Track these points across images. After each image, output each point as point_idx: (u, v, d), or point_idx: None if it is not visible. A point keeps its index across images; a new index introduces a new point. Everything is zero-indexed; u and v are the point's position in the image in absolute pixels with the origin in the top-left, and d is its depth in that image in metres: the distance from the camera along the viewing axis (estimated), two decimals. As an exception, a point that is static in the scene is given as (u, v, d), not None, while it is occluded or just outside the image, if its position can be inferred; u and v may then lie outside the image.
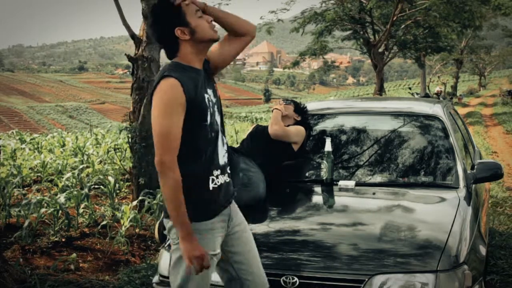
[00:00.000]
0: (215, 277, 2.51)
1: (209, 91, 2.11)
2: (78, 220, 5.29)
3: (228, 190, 2.19)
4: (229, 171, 2.20)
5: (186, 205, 2.00)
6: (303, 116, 3.67)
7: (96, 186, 6.59)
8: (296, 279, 2.35)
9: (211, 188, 2.08)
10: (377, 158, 3.44)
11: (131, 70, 6.04)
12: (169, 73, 1.99)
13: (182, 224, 1.99)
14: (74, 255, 4.34)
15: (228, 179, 2.19)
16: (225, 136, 2.21)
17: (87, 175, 7.45)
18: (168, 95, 1.96)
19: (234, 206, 2.26)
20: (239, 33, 2.22)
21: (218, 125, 2.12)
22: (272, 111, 3.65)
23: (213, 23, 2.11)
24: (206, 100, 2.06)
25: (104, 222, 4.98)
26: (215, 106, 2.12)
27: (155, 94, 2.00)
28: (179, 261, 2.08)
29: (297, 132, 3.44)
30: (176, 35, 2.04)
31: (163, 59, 2.58)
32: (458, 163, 3.26)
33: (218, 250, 2.14)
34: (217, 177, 2.10)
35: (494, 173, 3.23)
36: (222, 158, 2.14)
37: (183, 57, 2.08)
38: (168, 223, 2.12)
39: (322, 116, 3.90)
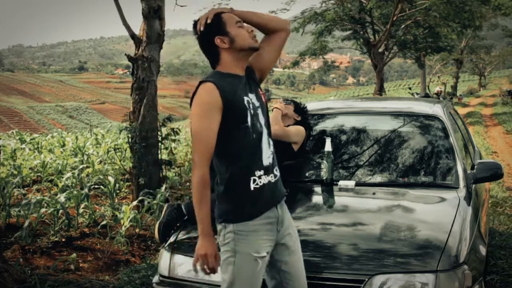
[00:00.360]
0: (216, 277, 2.51)
1: (251, 95, 2.15)
2: (78, 220, 5.29)
3: (274, 190, 2.17)
4: (276, 172, 2.19)
5: (227, 206, 2.09)
6: (303, 116, 3.66)
7: (96, 186, 6.59)
8: (296, 279, 2.35)
9: (252, 189, 2.08)
10: (377, 158, 3.44)
11: (131, 70, 6.04)
12: (206, 78, 2.09)
13: (201, 220, 2.05)
14: (74, 255, 4.34)
15: (273, 179, 2.17)
16: (271, 138, 2.21)
17: (87, 175, 7.44)
18: (203, 98, 2.04)
19: (285, 211, 2.24)
20: (272, 30, 2.26)
21: (262, 127, 2.14)
22: (272, 110, 3.65)
23: (254, 33, 2.17)
24: (246, 102, 2.10)
25: (104, 222, 4.97)
26: (258, 109, 2.15)
27: (194, 98, 2.08)
28: (228, 262, 2.10)
29: (297, 132, 3.44)
30: (216, 44, 2.12)
31: (163, 59, 2.59)
32: (458, 163, 3.26)
33: (264, 253, 2.11)
34: (259, 177, 2.10)
35: (494, 173, 3.23)
36: (267, 159, 2.14)
37: (224, 65, 2.15)
38: (218, 226, 2.13)
39: (322, 116, 3.90)
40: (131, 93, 5.95)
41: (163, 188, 5.51)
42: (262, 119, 2.16)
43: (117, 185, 6.44)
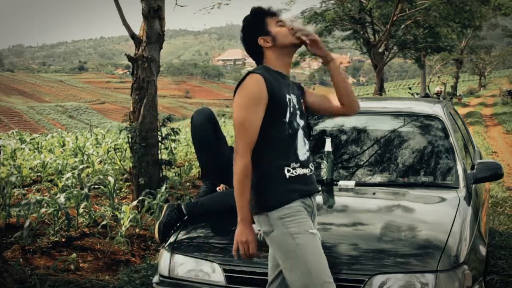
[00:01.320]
0: (216, 277, 2.51)
1: (292, 95, 2.23)
2: (78, 220, 5.29)
3: (309, 182, 2.23)
4: (312, 167, 2.26)
5: (266, 194, 2.14)
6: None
7: (96, 186, 6.59)
8: (296, 279, 2.35)
9: (287, 177, 2.15)
10: (377, 158, 3.44)
11: (131, 70, 6.04)
12: (254, 70, 2.17)
13: (241, 207, 2.14)
14: (74, 255, 4.34)
15: (309, 173, 2.23)
16: (308, 139, 2.28)
17: (87, 175, 7.45)
18: (250, 88, 2.12)
19: (315, 206, 2.29)
20: (343, 103, 2.35)
21: (298, 126, 2.22)
22: None
23: (294, 31, 2.23)
24: (287, 99, 2.18)
25: (104, 222, 4.97)
26: (297, 111, 2.23)
27: (239, 88, 2.15)
28: (287, 248, 2.11)
29: None
30: (259, 44, 2.24)
31: (163, 59, 2.60)
32: (458, 163, 3.26)
33: (316, 230, 2.18)
34: (294, 168, 2.16)
35: (494, 173, 3.23)
36: (303, 155, 2.21)
37: (269, 63, 2.25)
38: (258, 217, 2.18)
39: (322, 116, 3.90)
40: (131, 93, 5.95)
41: (163, 188, 5.51)
42: (300, 120, 2.24)
43: (117, 185, 6.44)
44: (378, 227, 2.60)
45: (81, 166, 7.64)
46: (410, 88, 31.32)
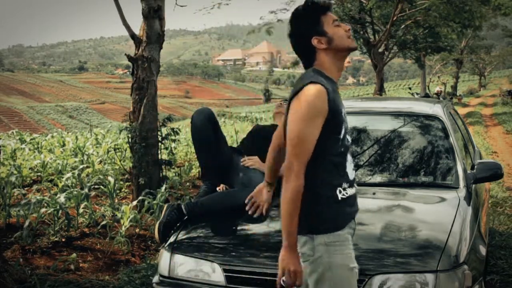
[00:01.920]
0: (216, 277, 2.51)
1: (342, 108, 2.04)
2: (78, 220, 5.29)
3: (356, 202, 2.09)
4: (355, 186, 2.10)
5: (315, 215, 1.95)
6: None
7: (96, 186, 6.59)
8: (296, 279, 2.35)
9: (339, 198, 1.98)
10: (377, 158, 3.44)
11: (131, 70, 6.04)
12: (316, 79, 1.92)
13: (290, 233, 1.92)
14: (74, 255, 4.34)
15: (354, 193, 2.08)
16: (350, 154, 2.13)
17: (87, 175, 7.44)
18: (312, 100, 1.88)
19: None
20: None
21: (349, 142, 2.06)
22: (274, 114, 3.68)
23: (350, 31, 2.08)
24: (343, 114, 2.00)
25: (104, 222, 4.97)
26: (346, 124, 2.05)
27: (298, 98, 1.91)
28: (322, 277, 1.94)
29: None
30: (313, 44, 2.00)
31: (163, 59, 2.56)
32: (458, 163, 3.26)
33: (356, 264, 2.00)
34: (345, 189, 2.01)
35: (494, 173, 3.23)
36: (352, 173, 2.06)
37: (321, 66, 2.02)
38: (300, 239, 1.98)
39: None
40: (131, 93, 5.95)
41: (163, 188, 5.51)
42: (348, 135, 2.06)
43: (117, 185, 6.44)
44: (378, 227, 2.61)
45: (81, 166, 7.64)
46: (410, 88, 31.33)
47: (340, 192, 1.98)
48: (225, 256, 2.57)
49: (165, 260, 2.67)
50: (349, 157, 2.06)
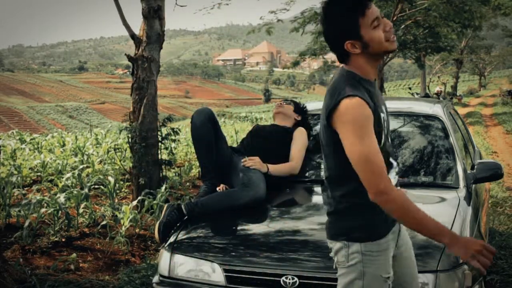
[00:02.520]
0: (216, 277, 2.51)
1: (383, 107, 1.91)
2: (78, 220, 5.29)
3: None
4: (398, 187, 1.94)
5: (353, 222, 1.87)
6: (303, 116, 3.67)
7: (96, 186, 6.59)
8: (296, 279, 2.35)
9: (377, 207, 1.84)
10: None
11: (131, 70, 6.04)
12: (351, 92, 1.77)
13: (439, 230, 1.76)
14: (74, 255, 4.34)
15: None
16: (395, 159, 1.98)
17: (87, 175, 7.44)
18: (358, 114, 1.74)
19: (400, 229, 2.02)
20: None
21: (391, 146, 1.93)
22: (274, 114, 3.68)
23: (392, 30, 1.84)
24: (382, 119, 1.86)
25: (104, 222, 4.97)
26: (389, 127, 1.92)
27: (340, 117, 1.76)
28: (352, 284, 1.88)
29: (303, 142, 3.45)
30: (345, 48, 1.82)
31: (163, 59, 2.54)
32: (458, 163, 3.26)
33: (392, 272, 1.90)
34: None
35: (494, 173, 3.23)
36: (394, 179, 1.92)
37: (355, 67, 1.86)
38: (335, 245, 1.91)
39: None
40: (131, 93, 5.95)
41: (163, 188, 5.51)
42: (389, 136, 1.92)
43: (117, 185, 6.44)
44: (378, 227, 2.60)
45: (81, 166, 7.64)
46: (410, 88, 31.35)
47: None
48: (225, 256, 2.58)
49: (165, 260, 2.67)
50: (392, 163, 1.93)
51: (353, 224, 1.87)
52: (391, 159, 1.91)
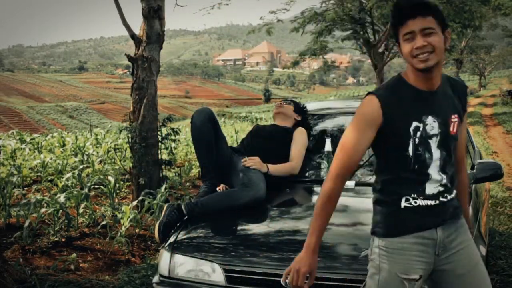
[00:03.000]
0: (216, 277, 2.51)
1: (429, 118, 1.85)
2: (78, 220, 5.29)
3: (434, 213, 1.89)
4: (443, 198, 1.88)
5: (377, 217, 1.94)
6: (303, 116, 3.67)
7: (96, 186, 6.59)
8: (296, 279, 2.35)
9: (402, 206, 1.88)
10: (377, 158, 3.44)
11: (131, 70, 6.04)
12: (376, 90, 1.90)
13: (310, 233, 1.94)
14: (74, 255, 4.34)
15: (435, 203, 1.88)
16: (448, 168, 1.89)
17: (87, 175, 7.44)
18: (362, 109, 1.87)
19: (455, 235, 1.92)
20: None
21: (431, 158, 1.86)
22: (274, 114, 3.69)
23: (426, 49, 1.79)
24: (412, 128, 1.84)
25: (104, 222, 4.97)
26: (434, 138, 1.86)
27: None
28: (372, 277, 1.93)
29: (303, 142, 3.45)
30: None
31: (163, 59, 2.54)
32: (458, 163, 3.26)
33: (414, 276, 1.86)
34: (414, 198, 1.87)
35: (494, 173, 3.23)
36: (433, 189, 1.87)
37: (407, 71, 1.89)
38: (372, 241, 1.97)
39: (322, 116, 3.90)
40: (131, 93, 5.95)
41: (163, 188, 5.51)
42: (436, 151, 1.86)
43: (117, 185, 6.44)
44: (378, 227, 2.60)
45: (81, 166, 7.64)
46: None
47: (406, 200, 1.87)
48: (225, 256, 2.57)
49: (165, 260, 2.67)
50: (434, 173, 1.87)
51: (376, 219, 1.95)
52: (429, 171, 1.87)
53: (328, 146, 3.30)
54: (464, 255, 1.93)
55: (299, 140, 3.44)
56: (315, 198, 3.33)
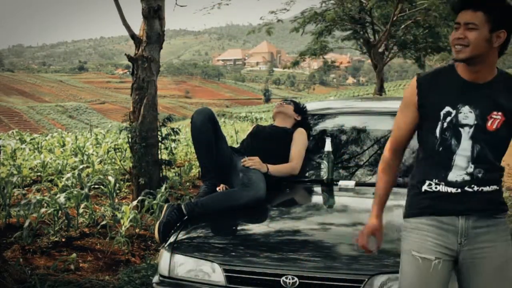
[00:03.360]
0: (216, 277, 2.51)
1: (464, 108, 1.90)
2: (78, 220, 5.29)
3: (457, 201, 1.90)
4: (468, 188, 1.89)
5: (405, 203, 2.09)
6: (303, 116, 3.67)
7: (96, 186, 6.59)
8: (296, 279, 2.35)
9: (423, 190, 1.97)
10: (377, 158, 3.43)
11: (131, 70, 6.04)
12: (421, 73, 2.06)
13: (373, 201, 2.15)
14: (74, 255, 4.34)
15: (458, 191, 1.90)
16: (481, 163, 1.89)
17: (87, 175, 7.44)
18: (405, 91, 2.07)
19: (483, 228, 1.91)
20: None
21: (457, 146, 1.90)
22: (274, 114, 3.69)
23: (463, 42, 1.91)
24: (444, 112, 1.91)
25: (104, 222, 4.97)
26: (465, 128, 1.89)
27: None
28: (400, 256, 2.07)
29: (303, 142, 3.45)
30: None
31: (163, 59, 2.54)
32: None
33: (428, 256, 1.92)
34: (436, 184, 1.93)
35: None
36: (456, 176, 1.90)
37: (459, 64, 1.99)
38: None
39: (322, 116, 3.90)
40: (131, 93, 5.95)
41: (163, 188, 5.51)
42: (465, 139, 1.89)
43: (117, 185, 6.44)
44: (378, 227, 2.60)
45: (81, 166, 7.64)
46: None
47: (429, 185, 1.96)
48: (225, 256, 2.58)
49: (165, 260, 2.67)
50: (460, 161, 1.89)
51: (405, 201, 2.09)
52: (455, 157, 1.90)
53: (328, 146, 3.30)
54: (490, 255, 1.90)
55: (299, 141, 3.44)
56: (315, 198, 3.34)
